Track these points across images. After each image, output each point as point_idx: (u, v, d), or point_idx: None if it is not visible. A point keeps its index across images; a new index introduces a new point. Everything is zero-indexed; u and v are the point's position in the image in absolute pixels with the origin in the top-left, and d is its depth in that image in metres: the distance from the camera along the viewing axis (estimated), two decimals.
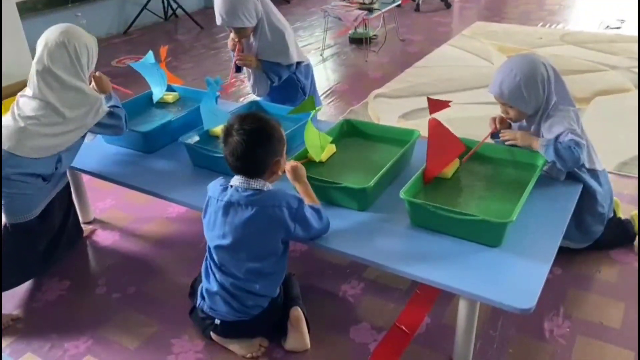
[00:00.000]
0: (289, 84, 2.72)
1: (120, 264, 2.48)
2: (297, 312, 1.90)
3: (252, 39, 2.63)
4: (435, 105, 1.95)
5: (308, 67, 2.80)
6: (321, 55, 5.27)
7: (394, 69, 4.75)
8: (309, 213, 1.68)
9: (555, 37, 5.44)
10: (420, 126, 1.92)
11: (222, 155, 2.01)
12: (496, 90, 2.01)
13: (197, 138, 2.29)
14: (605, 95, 4.06)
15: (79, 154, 2.30)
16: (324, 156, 2.14)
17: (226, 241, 1.70)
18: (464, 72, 4.57)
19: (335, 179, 1.93)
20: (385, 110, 3.96)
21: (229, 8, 2.44)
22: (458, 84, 4.31)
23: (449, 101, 1.96)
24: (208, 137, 2.35)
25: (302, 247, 2.43)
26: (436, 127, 1.96)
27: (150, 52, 2.65)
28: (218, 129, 2.30)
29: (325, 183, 1.92)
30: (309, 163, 2.09)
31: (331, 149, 2.19)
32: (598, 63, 4.69)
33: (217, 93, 2.33)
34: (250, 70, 2.74)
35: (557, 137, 1.93)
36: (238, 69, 2.76)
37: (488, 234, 1.73)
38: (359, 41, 5.44)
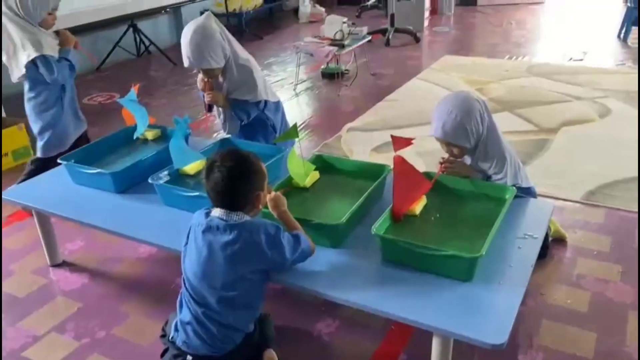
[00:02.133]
0: (258, 121, 2.73)
1: (89, 308, 2.41)
2: (271, 355, 1.87)
3: (220, 79, 2.65)
4: (399, 142, 1.95)
5: (278, 104, 2.82)
6: (294, 90, 5.33)
7: (365, 103, 4.83)
8: (286, 240, 1.69)
9: (521, 69, 5.61)
10: (392, 159, 1.94)
11: (193, 194, 2.05)
12: (439, 132, 2.09)
13: (167, 177, 2.27)
14: (571, 125, 4.18)
15: (46, 195, 2.25)
16: (308, 182, 2.19)
17: (201, 267, 1.70)
18: (434, 105, 4.63)
19: (308, 216, 1.94)
20: (358, 143, 4.01)
21: (195, 51, 2.45)
22: (428, 116, 4.30)
23: (412, 138, 1.98)
24: (178, 176, 2.33)
25: (277, 286, 2.39)
26: (401, 165, 1.96)
27: (133, 90, 2.68)
28: (188, 168, 2.29)
29: (299, 219, 1.90)
30: (292, 190, 2.12)
31: (315, 175, 2.24)
32: (563, 94, 4.84)
33: (188, 131, 2.31)
34: (220, 108, 2.75)
35: (489, 177, 2.14)
36: (210, 108, 2.77)
37: (459, 269, 1.73)
38: (331, 76, 5.54)
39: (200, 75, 2.64)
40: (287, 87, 5.41)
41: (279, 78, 5.72)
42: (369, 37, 5.53)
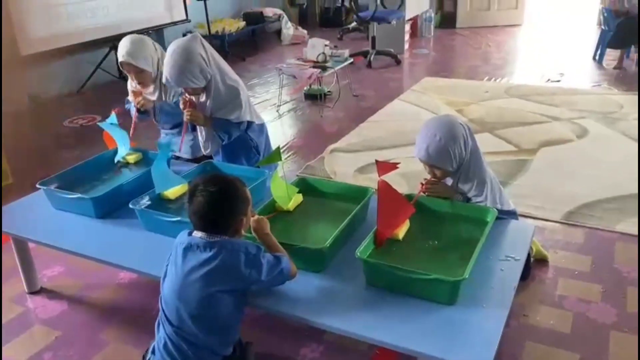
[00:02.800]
0: (241, 142, 2.71)
1: (68, 336, 2.36)
2: None
3: (203, 97, 2.63)
4: (384, 167, 1.97)
5: (262, 126, 2.81)
6: (277, 111, 5.34)
7: (348, 124, 4.85)
8: (265, 260, 1.69)
9: (500, 90, 5.70)
10: (375, 180, 1.95)
11: (174, 219, 2.03)
12: (423, 154, 2.10)
13: (148, 202, 2.25)
14: (549, 145, 4.24)
15: (24, 221, 2.24)
16: (291, 205, 2.17)
17: (179, 285, 1.68)
18: (416, 125, 4.61)
19: (291, 240, 1.94)
20: (341, 164, 4.02)
21: (174, 71, 2.46)
22: (410, 137, 4.42)
23: (397, 163, 2.00)
24: (159, 201, 2.31)
25: (260, 311, 2.36)
26: (385, 190, 1.96)
27: (113, 114, 2.67)
28: (169, 192, 2.27)
29: (282, 244, 1.89)
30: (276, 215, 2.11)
31: (298, 198, 2.22)
32: (541, 115, 4.92)
33: (170, 154, 2.30)
34: (202, 128, 2.73)
35: (469, 199, 2.15)
36: (193, 127, 2.75)
37: (442, 292, 1.73)
38: (314, 97, 5.57)
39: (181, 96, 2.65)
40: (270, 108, 5.42)
41: (262, 99, 5.74)
42: (351, 60, 5.59)
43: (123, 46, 2.70)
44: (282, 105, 5.48)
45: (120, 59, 2.71)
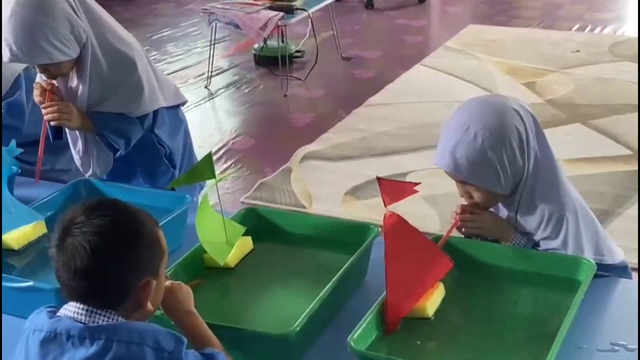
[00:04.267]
0: (143, 149, 2.12)
1: None
2: None
3: (74, 80, 1.99)
4: (395, 189, 1.49)
5: (177, 114, 2.20)
6: (207, 87, 4.12)
7: (332, 109, 3.77)
8: None
9: (601, 48, 4.45)
10: (381, 210, 1.50)
11: (23, 284, 1.59)
12: (446, 161, 1.60)
13: None
14: None
15: None
16: (232, 258, 1.66)
17: None
18: (451, 113, 3.71)
19: (233, 320, 1.44)
20: (320, 182, 3.02)
21: (23, 35, 1.85)
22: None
23: (416, 183, 1.52)
24: None
25: None
26: (398, 230, 1.46)
27: (13, 142, 2.09)
28: (12, 237, 1.73)
29: (218, 328, 1.40)
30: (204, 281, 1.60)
31: (245, 244, 1.72)
32: None
33: (15, 169, 1.80)
34: (76, 133, 2.10)
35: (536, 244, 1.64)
36: (56, 134, 2.11)
37: None
38: (271, 62, 4.22)
39: (38, 77, 2.03)
40: (194, 82, 4.17)
41: (180, 67, 4.40)
42: None
43: (4, 28, 1.91)
44: (215, 76, 4.19)
45: (4, 57, 1.99)
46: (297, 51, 4.38)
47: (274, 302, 1.58)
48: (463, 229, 1.68)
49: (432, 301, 1.45)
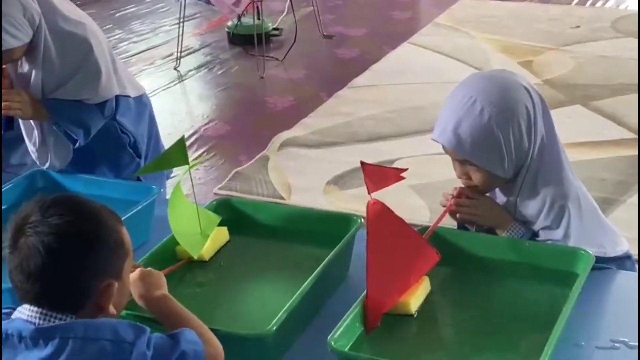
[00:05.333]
0: (104, 137, 2.02)
1: None
2: None
3: (25, 66, 1.91)
4: (379, 175, 1.43)
5: (141, 101, 2.12)
6: (176, 68, 4.00)
7: (313, 92, 3.68)
8: (152, 347, 1.22)
9: (602, 23, 4.32)
10: (365, 200, 1.43)
11: None
12: (448, 136, 1.52)
13: None
14: None
15: None
16: (206, 250, 1.60)
17: None
18: (443, 95, 3.54)
19: (207, 319, 1.35)
20: (300, 171, 2.91)
21: None
22: (431, 117, 2.98)
23: (404, 169, 1.45)
24: None
25: None
26: (381, 220, 1.40)
27: None
28: None
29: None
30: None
31: (220, 236, 1.65)
32: None
33: None
34: (31, 123, 2.01)
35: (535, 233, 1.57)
36: (7, 126, 2.05)
37: None
38: (246, 41, 4.11)
39: None
40: (162, 64, 4.04)
41: (146, 47, 4.29)
42: None
43: None
44: (185, 56, 4.07)
45: None
46: (275, 29, 4.26)
47: (250, 298, 1.54)
48: (457, 215, 1.60)
49: (417, 297, 1.39)
